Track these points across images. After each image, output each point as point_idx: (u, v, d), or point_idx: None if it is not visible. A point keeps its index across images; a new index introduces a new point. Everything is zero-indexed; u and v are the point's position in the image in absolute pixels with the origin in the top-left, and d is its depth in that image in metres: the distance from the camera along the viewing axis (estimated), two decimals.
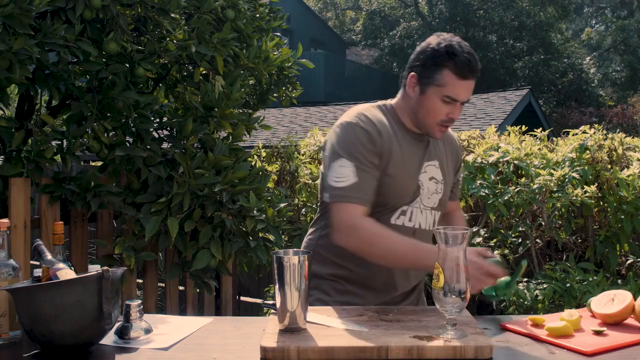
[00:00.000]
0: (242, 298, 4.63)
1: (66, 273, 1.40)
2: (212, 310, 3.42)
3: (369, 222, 1.64)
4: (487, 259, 1.55)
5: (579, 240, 3.43)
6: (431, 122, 1.72)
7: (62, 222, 1.54)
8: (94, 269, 1.47)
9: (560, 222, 3.31)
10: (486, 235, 3.34)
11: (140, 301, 1.47)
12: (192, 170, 2.63)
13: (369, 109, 1.77)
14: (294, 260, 1.41)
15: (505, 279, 1.54)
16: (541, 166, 3.29)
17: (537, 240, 3.38)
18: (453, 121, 1.73)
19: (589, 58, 25.27)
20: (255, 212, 2.74)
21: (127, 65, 2.73)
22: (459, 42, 1.69)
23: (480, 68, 1.70)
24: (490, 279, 1.53)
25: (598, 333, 1.44)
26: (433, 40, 1.72)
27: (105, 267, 1.34)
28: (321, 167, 1.81)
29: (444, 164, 1.85)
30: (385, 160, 1.70)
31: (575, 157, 3.24)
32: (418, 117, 1.74)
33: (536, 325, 1.50)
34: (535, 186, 3.07)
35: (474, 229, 3.28)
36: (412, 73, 1.73)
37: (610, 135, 3.38)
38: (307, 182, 3.96)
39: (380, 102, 1.83)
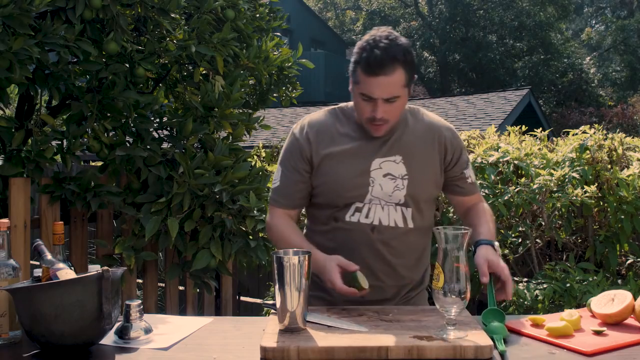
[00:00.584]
0: (242, 298, 4.63)
1: (66, 273, 1.40)
2: (212, 310, 3.42)
3: (280, 223, 1.81)
4: (350, 273, 1.59)
5: (579, 240, 3.43)
6: (362, 120, 1.72)
7: (62, 222, 1.54)
8: (94, 269, 1.47)
9: (560, 222, 3.31)
10: None
11: (140, 301, 1.47)
12: (192, 170, 2.63)
13: (315, 116, 1.83)
14: (294, 260, 1.41)
15: (497, 324, 1.47)
16: (541, 166, 3.29)
17: (537, 240, 3.38)
18: (379, 120, 1.66)
19: (589, 58, 25.27)
20: (255, 212, 2.74)
21: (127, 65, 2.72)
22: (377, 38, 1.62)
23: (399, 61, 1.60)
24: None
25: (598, 333, 1.44)
26: (367, 34, 1.68)
27: (105, 267, 1.34)
28: None
29: (414, 158, 1.76)
30: (317, 164, 1.76)
31: (575, 157, 3.24)
32: (356, 116, 1.77)
33: (536, 325, 1.50)
34: (535, 186, 3.07)
35: None
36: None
37: (610, 135, 3.38)
38: None
39: (343, 104, 1.86)
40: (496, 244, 1.70)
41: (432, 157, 1.80)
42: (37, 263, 1.50)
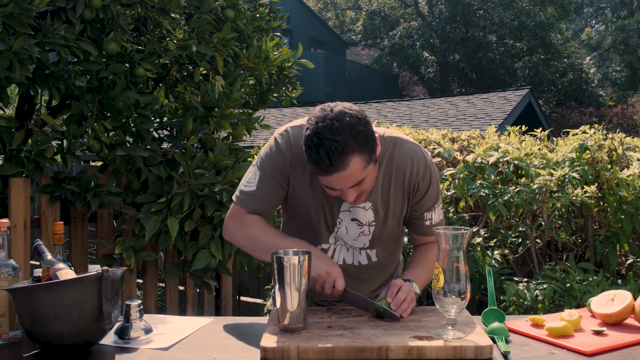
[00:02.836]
0: (242, 298, 4.63)
1: (66, 273, 1.40)
2: (212, 310, 3.42)
3: (255, 220, 1.72)
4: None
5: (579, 240, 3.43)
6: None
7: (62, 222, 1.54)
8: (94, 269, 1.47)
9: (560, 222, 3.31)
10: (486, 235, 3.34)
11: (140, 301, 1.48)
12: (192, 170, 2.63)
13: (298, 133, 1.65)
14: (293, 260, 1.41)
15: (497, 324, 1.46)
16: (541, 166, 3.29)
17: (537, 240, 3.38)
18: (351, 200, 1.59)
19: (589, 58, 25.28)
20: None
21: (127, 65, 2.73)
22: (320, 132, 1.47)
23: (349, 153, 1.47)
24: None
25: (598, 333, 1.44)
26: (311, 119, 1.52)
27: (105, 267, 1.34)
28: None
29: (383, 203, 1.70)
30: (291, 185, 1.70)
31: (575, 157, 3.23)
32: None
33: (536, 325, 1.50)
34: (535, 186, 3.06)
35: (474, 229, 3.27)
36: None
37: (610, 135, 3.38)
38: None
39: None
40: (414, 284, 1.64)
41: (400, 199, 1.72)
42: (37, 263, 1.50)
